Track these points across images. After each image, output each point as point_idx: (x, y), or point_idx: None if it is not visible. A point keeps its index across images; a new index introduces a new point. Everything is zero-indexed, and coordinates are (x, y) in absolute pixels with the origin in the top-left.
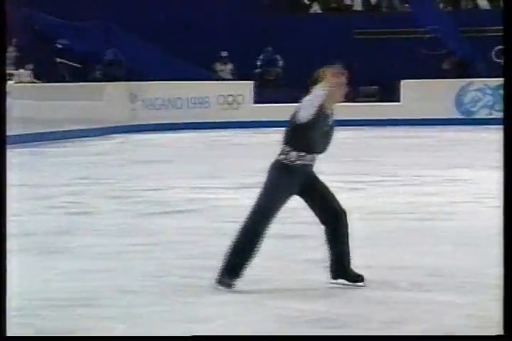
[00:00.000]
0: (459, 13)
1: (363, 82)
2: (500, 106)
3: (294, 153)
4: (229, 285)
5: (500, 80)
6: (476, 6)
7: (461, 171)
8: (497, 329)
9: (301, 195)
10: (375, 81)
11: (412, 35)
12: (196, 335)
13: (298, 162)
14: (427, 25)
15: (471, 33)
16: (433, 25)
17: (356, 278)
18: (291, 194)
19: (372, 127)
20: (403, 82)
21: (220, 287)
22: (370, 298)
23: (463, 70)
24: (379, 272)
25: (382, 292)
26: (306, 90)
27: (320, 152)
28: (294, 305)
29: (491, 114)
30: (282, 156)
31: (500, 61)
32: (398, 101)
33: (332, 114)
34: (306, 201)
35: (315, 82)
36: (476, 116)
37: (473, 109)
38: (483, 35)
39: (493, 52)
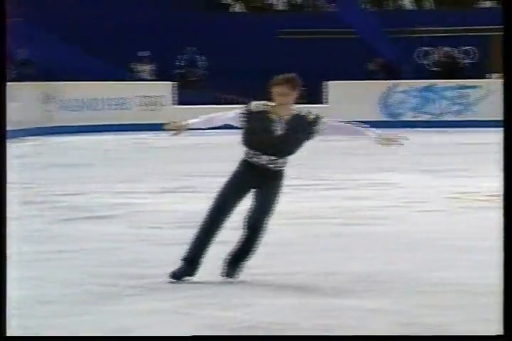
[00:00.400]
0: (384, 14)
1: None
2: (425, 108)
3: (251, 151)
4: (179, 277)
5: (424, 82)
6: (401, 6)
7: (390, 175)
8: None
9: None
10: (302, 82)
11: (337, 36)
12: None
13: (254, 159)
14: (352, 26)
15: (396, 33)
16: (358, 26)
17: (232, 276)
18: (246, 188)
19: None
20: (330, 84)
21: (172, 279)
22: (298, 304)
23: (389, 72)
24: (308, 278)
25: (310, 299)
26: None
27: (276, 155)
28: (219, 313)
29: (416, 116)
30: (244, 152)
31: (425, 62)
32: (326, 103)
33: (286, 119)
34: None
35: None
36: (403, 119)
37: (399, 111)
38: (409, 36)
39: (417, 54)
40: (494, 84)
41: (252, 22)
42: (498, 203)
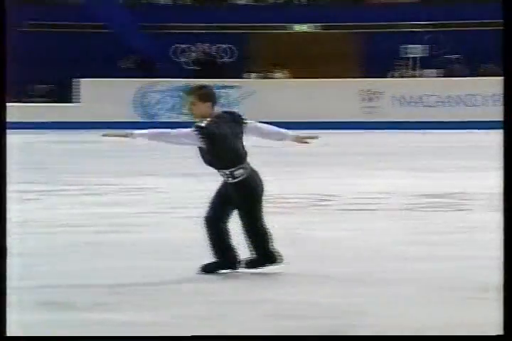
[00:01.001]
0: (139, 9)
1: (36, 81)
2: (183, 108)
3: None
4: (211, 270)
5: (181, 81)
6: (156, 1)
7: (150, 179)
8: None
9: None
10: (52, 79)
11: (89, 30)
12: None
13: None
14: (104, 20)
15: (152, 29)
16: (111, 20)
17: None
18: (223, 201)
19: (51, 130)
20: (82, 81)
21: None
22: (47, 321)
23: (145, 70)
24: (59, 291)
25: (60, 314)
26: None
27: (211, 166)
28: None
29: (174, 117)
30: None
31: (182, 60)
32: (77, 101)
33: None
34: None
35: None
36: (160, 120)
37: (156, 112)
38: (165, 32)
39: (174, 51)
40: (254, 84)
41: None
42: (281, 208)
